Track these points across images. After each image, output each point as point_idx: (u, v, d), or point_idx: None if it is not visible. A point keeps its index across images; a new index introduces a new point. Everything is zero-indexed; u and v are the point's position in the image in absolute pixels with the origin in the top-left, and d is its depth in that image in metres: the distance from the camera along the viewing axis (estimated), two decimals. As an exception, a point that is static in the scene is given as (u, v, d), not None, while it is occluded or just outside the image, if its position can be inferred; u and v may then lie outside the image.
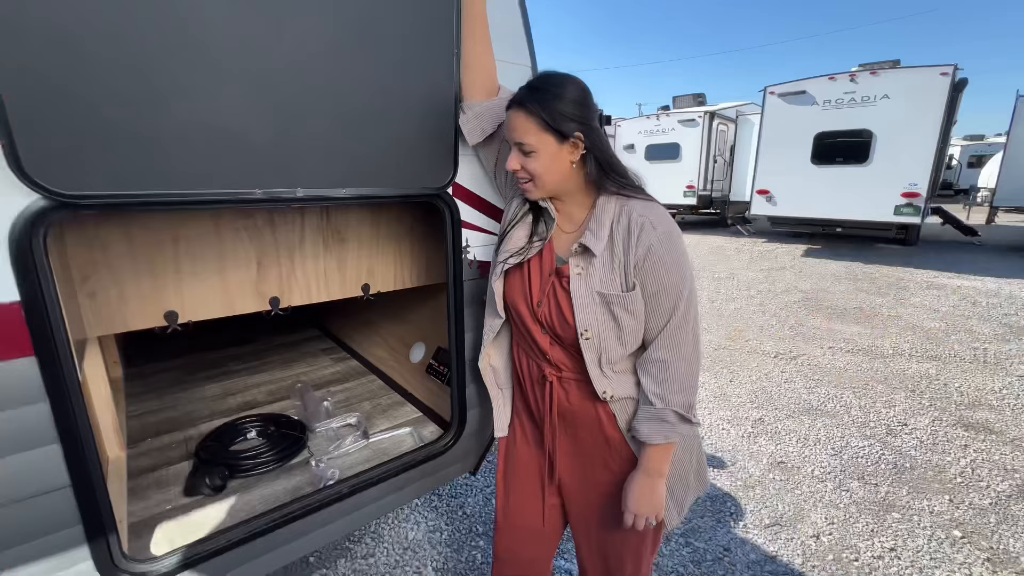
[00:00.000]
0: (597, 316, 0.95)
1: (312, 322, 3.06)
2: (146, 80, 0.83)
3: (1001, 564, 1.86)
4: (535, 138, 0.94)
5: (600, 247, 0.95)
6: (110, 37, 0.79)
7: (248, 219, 1.41)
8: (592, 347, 0.96)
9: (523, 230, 1.07)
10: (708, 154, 10.88)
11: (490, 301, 1.14)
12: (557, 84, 0.95)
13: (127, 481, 1.41)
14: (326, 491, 1.29)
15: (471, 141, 1.21)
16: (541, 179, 0.98)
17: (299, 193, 1.05)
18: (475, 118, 1.19)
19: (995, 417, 2.98)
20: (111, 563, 0.96)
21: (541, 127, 0.93)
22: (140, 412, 1.89)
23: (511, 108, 0.98)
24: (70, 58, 0.77)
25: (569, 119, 0.93)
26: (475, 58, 1.18)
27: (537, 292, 1.02)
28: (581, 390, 1.03)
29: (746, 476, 2.42)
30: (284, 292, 1.51)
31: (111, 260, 1.21)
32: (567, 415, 1.06)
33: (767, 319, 4.94)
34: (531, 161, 0.96)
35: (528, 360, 1.11)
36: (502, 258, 1.07)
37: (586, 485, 1.10)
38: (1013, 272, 6.92)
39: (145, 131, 0.85)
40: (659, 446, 0.97)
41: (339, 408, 1.93)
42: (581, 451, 1.08)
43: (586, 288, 0.96)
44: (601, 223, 0.96)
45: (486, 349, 1.18)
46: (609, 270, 0.95)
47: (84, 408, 0.89)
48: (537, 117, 0.93)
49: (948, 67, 6.84)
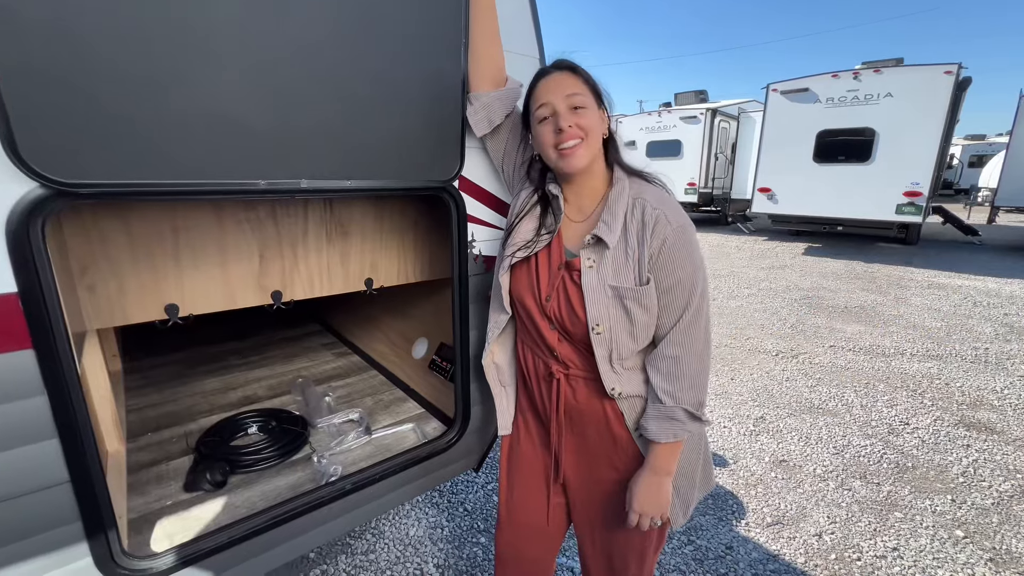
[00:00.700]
0: (609, 310, 0.93)
1: (314, 317, 3.04)
2: (146, 67, 0.81)
3: (1004, 564, 1.86)
4: (585, 95, 0.95)
5: (614, 239, 0.93)
6: (110, 22, 0.77)
7: (251, 211, 1.38)
8: (603, 342, 0.94)
9: (531, 222, 1.05)
10: (710, 151, 10.84)
11: (496, 296, 1.12)
12: None
13: (127, 476, 1.40)
14: (328, 488, 1.28)
15: (478, 132, 1.19)
16: (592, 137, 0.95)
17: (303, 184, 1.03)
18: (483, 108, 1.16)
19: (997, 417, 2.98)
20: (111, 560, 0.95)
21: (587, 87, 0.95)
22: (140, 406, 1.88)
23: (549, 73, 0.98)
24: (67, 44, 0.74)
25: (600, 89, 0.98)
26: (483, 48, 1.15)
27: (546, 286, 1.00)
28: (589, 388, 1.01)
29: (748, 474, 2.41)
30: (286, 286, 1.49)
31: (110, 252, 1.19)
32: (574, 413, 1.05)
33: (768, 317, 4.93)
34: (584, 117, 0.94)
35: (534, 357, 1.09)
36: (509, 252, 1.04)
37: (591, 484, 1.09)
38: (1014, 272, 6.92)
39: (145, 119, 0.83)
40: (667, 444, 0.95)
41: (341, 404, 1.91)
42: (587, 449, 1.07)
43: (598, 281, 0.93)
44: (615, 214, 0.94)
45: (490, 346, 1.15)
46: (623, 263, 0.93)
47: (83, 402, 0.88)
48: (583, 77, 0.96)
49: (952, 65, 6.81)
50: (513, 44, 1.26)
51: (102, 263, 1.19)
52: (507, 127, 1.18)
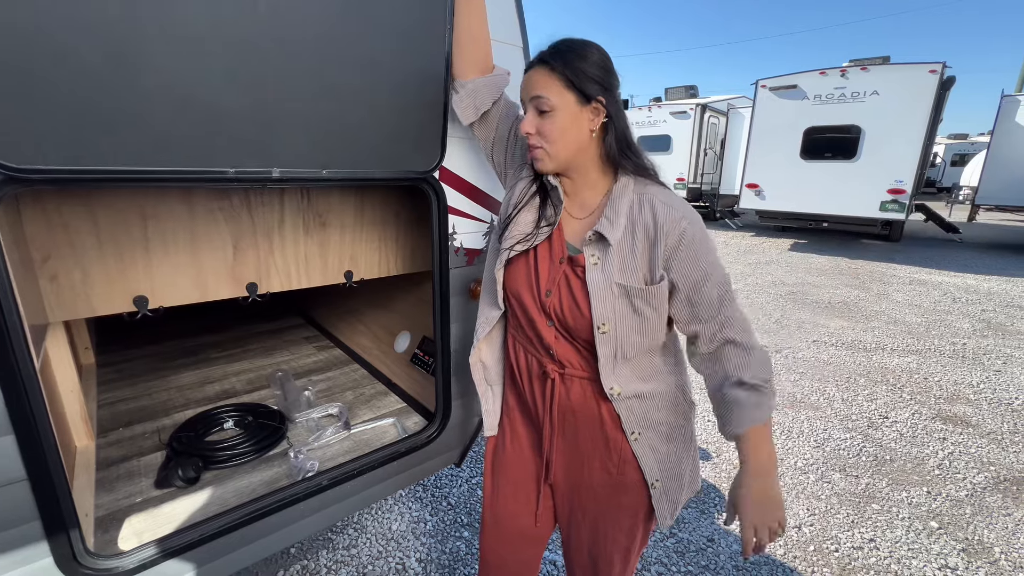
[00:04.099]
0: (616, 308, 0.89)
1: (295, 310, 2.99)
2: (103, 46, 0.77)
3: (976, 555, 1.90)
4: (556, 95, 0.87)
5: (616, 235, 0.89)
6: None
7: (223, 199, 1.34)
8: (608, 341, 0.90)
9: (530, 214, 0.99)
10: (699, 147, 10.87)
11: (488, 291, 1.07)
12: (580, 46, 0.89)
13: (95, 472, 1.36)
14: (304, 483, 1.25)
15: (465, 120, 1.14)
16: (556, 144, 0.90)
17: (275, 174, 0.99)
18: (468, 95, 1.12)
19: (972, 411, 3.04)
20: (73, 559, 0.91)
21: (564, 84, 0.87)
22: (112, 400, 1.83)
23: (530, 68, 0.91)
24: (19, 17, 0.70)
25: (592, 80, 0.87)
26: (469, 33, 1.11)
27: (546, 281, 0.95)
28: (584, 388, 0.97)
29: (730, 468, 2.43)
30: (262, 277, 1.45)
31: (74, 240, 1.14)
32: (567, 414, 1.01)
33: (753, 312, 4.97)
34: (548, 123, 0.89)
35: (526, 355, 1.04)
36: (507, 244, 0.99)
37: (580, 486, 1.05)
38: (992, 269, 7.07)
39: (101, 101, 0.78)
40: (761, 435, 0.89)
41: (320, 398, 1.88)
42: (578, 451, 1.03)
43: (604, 279, 0.89)
44: (617, 210, 0.90)
45: (479, 343, 1.10)
46: (629, 260, 0.89)
47: (41, 396, 0.84)
48: (560, 73, 0.87)
49: (936, 64, 6.88)
50: (496, 32, 1.23)
51: (65, 252, 1.14)
52: (496, 113, 1.13)
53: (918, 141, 7.15)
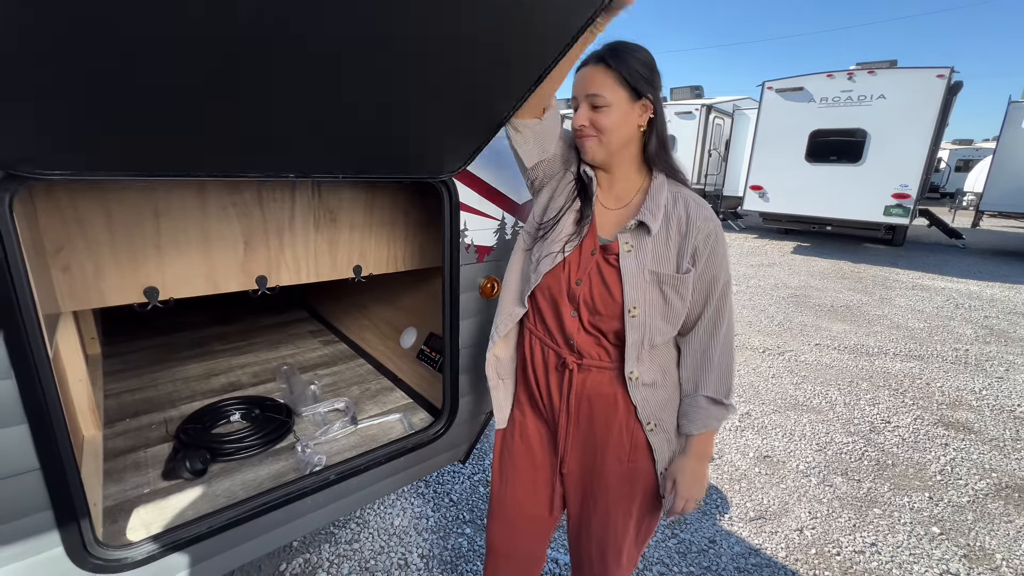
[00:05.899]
0: (647, 294, 0.95)
1: (301, 304, 2.99)
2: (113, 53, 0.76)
3: (977, 561, 1.90)
4: (610, 91, 0.94)
5: (656, 225, 0.96)
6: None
7: (236, 194, 1.34)
8: (638, 325, 0.96)
9: (572, 215, 1.04)
10: (704, 147, 10.84)
11: (513, 290, 1.10)
12: (632, 47, 0.96)
13: (103, 463, 1.36)
14: (312, 477, 1.25)
15: (528, 162, 1.09)
16: (608, 136, 0.96)
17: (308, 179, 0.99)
18: (534, 137, 1.07)
19: (974, 417, 3.04)
20: (83, 549, 0.92)
21: (617, 81, 0.94)
22: (119, 391, 1.83)
23: (585, 65, 0.97)
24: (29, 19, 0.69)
25: (643, 79, 0.95)
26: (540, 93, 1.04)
27: (576, 270, 1.00)
28: (602, 378, 1.01)
29: (732, 469, 2.43)
30: (272, 271, 1.44)
31: (87, 232, 1.14)
32: (583, 402, 1.04)
33: (756, 314, 4.97)
34: (601, 116, 0.95)
35: (543, 348, 1.07)
36: (557, 248, 1.01)
37: (593, 476, 1.08)
38: (995, 275, 7.06)
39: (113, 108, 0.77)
40: (710, 432, 1.02)
41: (327, 392, 1.88)
42: (592, 441, 1.06)
43: (637, 265, 0.95)
44: (656, 203, 0.97)
45: (498, 340, 1.13)
46: (663, 250, 0.96)
47: (55, 386, 0.84)
48: (615, 71, 0.94)
49: (944, 69, 6.86)
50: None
51: (78, 243, 1.14)
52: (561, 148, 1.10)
53: (924, 146, 7.13)
